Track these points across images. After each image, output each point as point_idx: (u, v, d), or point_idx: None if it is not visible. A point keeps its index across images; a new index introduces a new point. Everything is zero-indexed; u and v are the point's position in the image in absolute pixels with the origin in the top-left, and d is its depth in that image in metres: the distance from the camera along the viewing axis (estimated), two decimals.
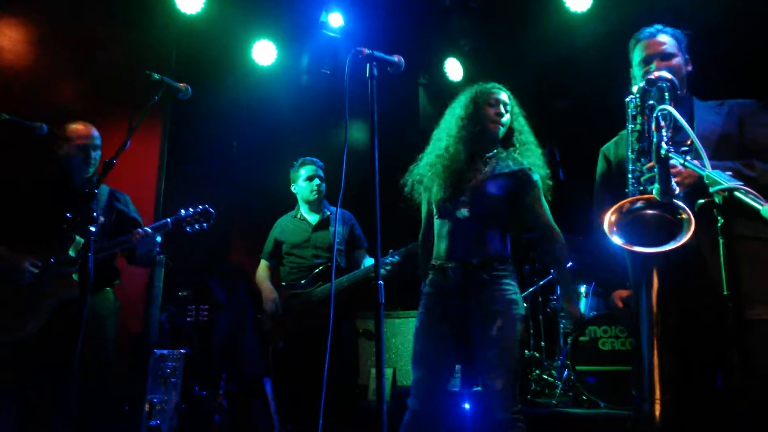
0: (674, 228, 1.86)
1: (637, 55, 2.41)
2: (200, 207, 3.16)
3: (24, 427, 2.75)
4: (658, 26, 2.39)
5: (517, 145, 2.73)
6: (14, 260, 2.80)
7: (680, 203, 1.86)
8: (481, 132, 2.69)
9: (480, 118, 2.69)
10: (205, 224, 3.15)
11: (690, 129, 1.73)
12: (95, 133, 3.16)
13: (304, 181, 3.95)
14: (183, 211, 3.13)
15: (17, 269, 2.78)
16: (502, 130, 2.71)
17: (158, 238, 3.06)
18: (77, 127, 3.12)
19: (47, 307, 2.79)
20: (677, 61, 2.32)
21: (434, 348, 2.55)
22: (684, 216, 1.84)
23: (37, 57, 4.09)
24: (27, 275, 2.79)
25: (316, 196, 3.93)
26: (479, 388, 3.80)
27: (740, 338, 1.52)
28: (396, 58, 2.19)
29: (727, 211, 1.47)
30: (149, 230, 3.02)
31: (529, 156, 2.70)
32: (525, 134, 2.77)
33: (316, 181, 3.92)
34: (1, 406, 2.76)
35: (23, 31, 4.08)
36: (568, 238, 4.96)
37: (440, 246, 2.66)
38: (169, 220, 3.08)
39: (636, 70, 2.41)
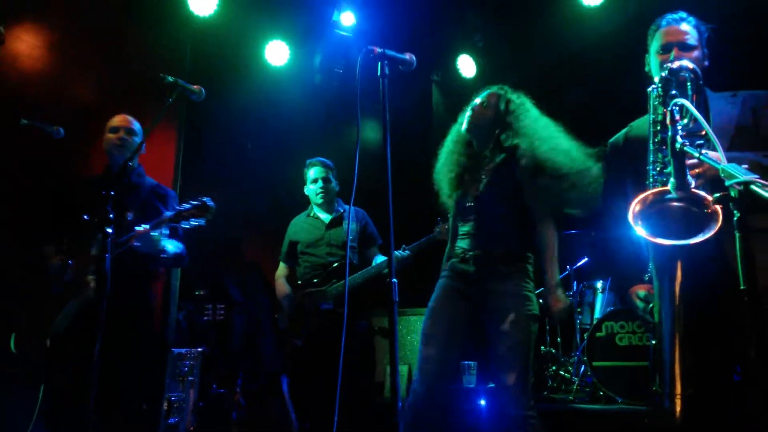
0: (700, 221, 1.82)
1: (655, 42, 2.33)
2: (200, 200, 2.89)
3: (48, 423, 2.79)
4: (683, 14, 2.32)
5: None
6: (53, 260, 2.85)
7: (707, 195, 1.82)
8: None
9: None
10: (203, 219, 2.91)
11: (705, 122, 1.71)
12: (131, 119, 3.21)
13: (311, 183, 3.99)
14: (182, 205, 2.93)
15: (52, 268, 2.82)
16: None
17: (160, 237, 2.89)
18: (113, 117, 3.19)
19: (72, 307, 2.82)
20: (697, 54, 2.26)
21: (449, 326, 2.56)
22: (711, 209, 1.81)
23: (53, 61, 4.14)
24: (54, 273, 2.82)
25: (322, 199, 3.95)
26: (493, 385, 3.80)
27: (757, 333, 1.50)
28: (407, 56, 2.19)
29: (744, 204, 1.45)
30: (147, 227, 2.87)
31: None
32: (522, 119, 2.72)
33: (320, 183, 3.94)
34: (28, 401, 2.80)
35: (40, 36, 4.13)
36: (583, 233, 5.00)
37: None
38: (167, 213, 2.91)
39: (652, 58, 2.34)
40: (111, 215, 2.49)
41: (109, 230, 2.24)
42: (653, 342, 2.09)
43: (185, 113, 4.62)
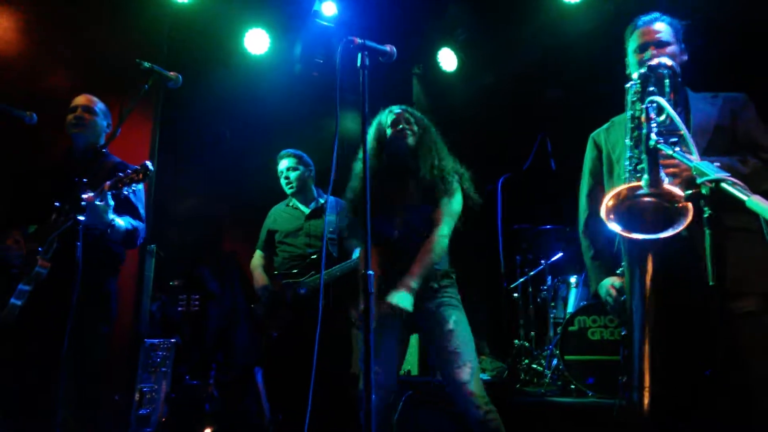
0: (672, 215, 1.85)
1: (632, 43, 2.40)
2: (140, 164, 2.75)
3: (7, 414, 2.71)
4: (655, 14, 2.39)
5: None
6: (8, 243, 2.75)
7: (679, 191, 1.85)
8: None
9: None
10: (141, 183, 2.78)
11: (679, 120, 1.74)
12: (93, 99, 3.10)
13: (280, 176, 4.00)
14: (121, 173, 2.76)
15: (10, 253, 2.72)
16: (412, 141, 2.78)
17: (107, 207, 2.73)
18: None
19: (23, 290, 2.69)
20: (672, 49, 2.31)
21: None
22: (682, 204, 1.84)
23: (28, 45, 4.04)
24: (13, 257, 2.72)
25: (291, 189, 3.97)
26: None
27: (724, 330, 1.53)
28: (388, 47, 2.19)
29: (714, 202, 1.47)
30: (91, 195, 2.66)
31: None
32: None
33: (284, 174, 3.97)
34: None
35: (13, 19, 4.03)
36: (558, 229, 5.06)
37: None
38: (107, 182, 2.74)
39: (631, 58, 2.41)
40: (83, 202, 2.44)
41: (81, 218, 2.19)
42: (623, 334, 2.12)
43: (162, 100, 4.55)
